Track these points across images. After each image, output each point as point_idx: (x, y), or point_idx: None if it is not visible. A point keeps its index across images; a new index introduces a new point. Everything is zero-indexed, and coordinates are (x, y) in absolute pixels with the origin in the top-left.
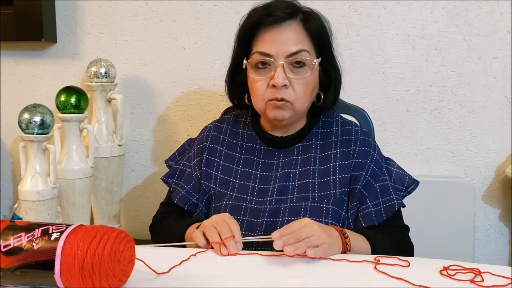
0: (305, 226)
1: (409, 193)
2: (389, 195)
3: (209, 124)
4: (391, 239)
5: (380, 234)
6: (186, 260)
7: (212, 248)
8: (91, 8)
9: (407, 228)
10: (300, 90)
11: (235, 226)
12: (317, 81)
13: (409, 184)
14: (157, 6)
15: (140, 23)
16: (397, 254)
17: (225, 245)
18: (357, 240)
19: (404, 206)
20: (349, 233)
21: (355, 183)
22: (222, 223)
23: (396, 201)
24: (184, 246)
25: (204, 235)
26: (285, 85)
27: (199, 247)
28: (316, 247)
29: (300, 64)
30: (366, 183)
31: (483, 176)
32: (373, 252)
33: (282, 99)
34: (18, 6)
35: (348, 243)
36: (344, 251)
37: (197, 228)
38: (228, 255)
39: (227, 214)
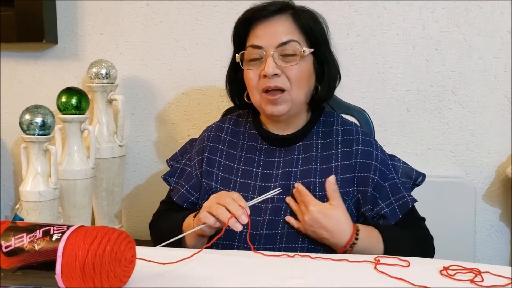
0: (316, 213)
1: (417, 185)
2: (400, 192)
3: (210, 125)
4: (411, 236)
5: (398, 233)
6: (196, 253)
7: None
8: (92, 9)
9: (423, 220)
10: (294, 76)
11: (236, 195)
12: (311, 71)
13: (417, 177)
14: (158, 7)
15: (140, 24)
16: (418, 251)
17: (236, 218)
18: (369, 244)
19: (416, 201)
20: (361, 238)
21: (364, 186)
22: (224, 198)
23: (409, 198)
24: (183, 238)
25: (212, 215)
26: (276, 74)
27: (200, 233)
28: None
29: (290, 54)
30: (376, 184)
31: (484, 176)
32: (386, 251)
33: (276, 87)
34: (19, 7)
35: (348, 250)
36: (342, 250)
37: (194, 217)
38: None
39: (223, 191)
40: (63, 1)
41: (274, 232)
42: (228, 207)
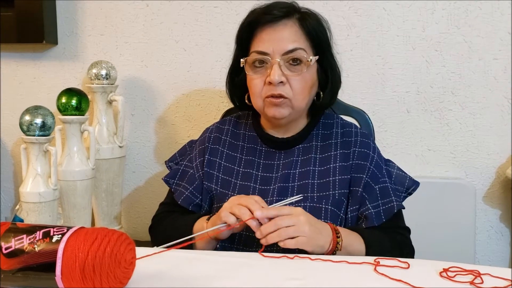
0: (291, 215)
1: (410, 194)
2: (388, 197)
3: (210, 126)
4: (390, 240)
5: (378, 234)
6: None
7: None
8: (92, 10)
9: (408, 230)
10: (298, 86)
11: (258, 197)
12: (315, 79)
13: (410, 186)
14: (158, 7)
15: (140, 25)
16: (396, 255)
17: (258, 220)
18: (351, 240)
19: (403, 208)
20: (343, 232)
21: (355, 186)
22: (244, 199)
23: (396, 203)
24: (191, 226)
25: (234, 215)
26: (281, 82)
27: (215, 236)
28: (293, 238)
29: (296, 61)
30: (365, 185)
31: (484, 177)
32: (368, 252)
33: (280, 95)
34: (19, 8)
35: (340, 243)
36: (333, 250)
37: (207, 220)
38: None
39: (244, 195)
40: (63, 1)
41: None
42: (251, 208)
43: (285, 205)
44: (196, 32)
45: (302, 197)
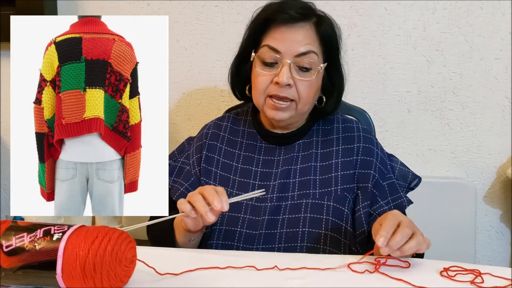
0: (407, 222)
1: (412, 189)
2: (397, 192)
3: (209, 122)
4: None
5: None
6: (203, 268)
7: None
8: (93, 9)
9: None
10: (304, 91)
11: (220, 189)
12: (319, 84)
13: (412, 180)
14: (159, 7)
15: None
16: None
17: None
18: None
19: (412, 203)
20: None
21: (364, 182)
22: (205, 188)
23: (405, 198)
24: (172, 220)
25: (189, 203)
26: (288, 85)
27: (187, 229)
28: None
29: (306, 67)
30: (375, 182)
31: (485, 177)
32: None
33: (285, 98)
34: (20, 6)
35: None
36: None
37: None
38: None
39: (210, 185)
40: (63, 1)
41: (273, 232)
42: (205, 195)
43: (248, 198)
44: (197, 31)
45: (264, 192)
